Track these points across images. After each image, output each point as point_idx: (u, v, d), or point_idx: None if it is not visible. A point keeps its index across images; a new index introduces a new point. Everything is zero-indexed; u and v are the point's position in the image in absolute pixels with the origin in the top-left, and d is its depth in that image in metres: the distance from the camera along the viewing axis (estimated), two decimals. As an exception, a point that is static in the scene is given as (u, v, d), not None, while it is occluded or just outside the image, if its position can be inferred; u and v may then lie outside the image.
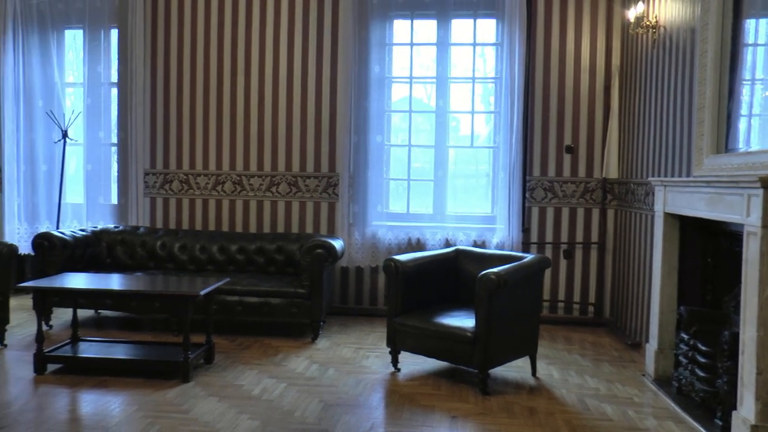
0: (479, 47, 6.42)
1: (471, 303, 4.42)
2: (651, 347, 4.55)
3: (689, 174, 4.35)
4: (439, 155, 6.28)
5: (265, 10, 6.45)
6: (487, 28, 6.34)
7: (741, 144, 3.81)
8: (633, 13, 5.26)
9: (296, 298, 5.37)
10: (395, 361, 4.64)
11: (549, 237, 6.23)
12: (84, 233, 6.00)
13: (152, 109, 6.63)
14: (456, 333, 4.23)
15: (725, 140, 3.96)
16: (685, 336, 4.06)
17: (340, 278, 6.43)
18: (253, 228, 6.53)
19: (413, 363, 4.76)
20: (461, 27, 6.35)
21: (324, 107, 6.41)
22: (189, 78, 6.57)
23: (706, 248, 4.32)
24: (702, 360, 3.84)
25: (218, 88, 6.53)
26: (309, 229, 6.46)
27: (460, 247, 5.18)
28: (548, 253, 6.21)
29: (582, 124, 6.18)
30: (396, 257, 4.70)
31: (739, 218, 3.33)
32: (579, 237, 6.21)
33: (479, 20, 6.30)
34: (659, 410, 3.98)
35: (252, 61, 6.48)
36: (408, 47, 6.39)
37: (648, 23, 5.12)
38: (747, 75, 3.82)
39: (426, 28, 6.43)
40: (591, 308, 6.21)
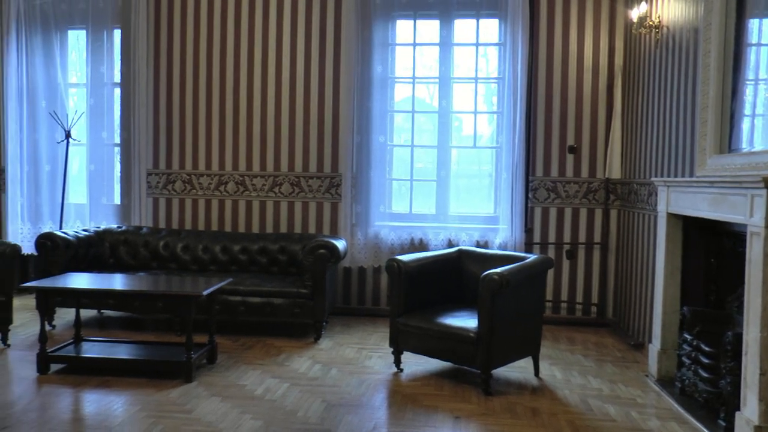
0: (482, 47, 6.42)
1: (474, 303, 4.42)
2: (654, 348, 4.55)
3: (692, 174, 4.35)
4: (442, 155, 6.27)
5: (268, 11, 6.45)
6: (490, 28, 6.33)
7: (744, 144, 3.80)
8: (636, 13, 5.25)
9: (299, 299, 5.37)
10: (398, 362, 4.63)
11: (552, 237, 6.23)
12: (87, 233, 6.01)
13: (155, 110, 6.64)
14: (459, 333, 4.23)
15: (728, 140, 3.95)
16: (688, 336, 4.05)
17: (343, 278, 6.43)
18: (256, 228, 6.53)
19: (416, 363, 4.75)
20: (464, 27, 6.35)
21: (327, 107, 6.41)
22: (192, 78, 6.58)
23: (710, 248, 4.31)
24: (705, 360, 3.83)
25: (221, 88, 6.54)
26: (312, 230, 6.46)
27: (463, 248, 5.18)
28: (551, 254, 6.20)
29: (585, 125, 6.17)
30: (399, 257, 4.69)
31: (743, 218, 3.32)
32: (582, 237, 6.21)
33: (482, 20, 6.29)
34: (662, 411, 3.97)
35: (255, 61, 6.48)
36: (411, 47, 6.38)
37: (651, 23, 5.12)
38: (750, 75, 3.81)
39: (429, 28, 6.42)
40: (594, 309, 6.20)
